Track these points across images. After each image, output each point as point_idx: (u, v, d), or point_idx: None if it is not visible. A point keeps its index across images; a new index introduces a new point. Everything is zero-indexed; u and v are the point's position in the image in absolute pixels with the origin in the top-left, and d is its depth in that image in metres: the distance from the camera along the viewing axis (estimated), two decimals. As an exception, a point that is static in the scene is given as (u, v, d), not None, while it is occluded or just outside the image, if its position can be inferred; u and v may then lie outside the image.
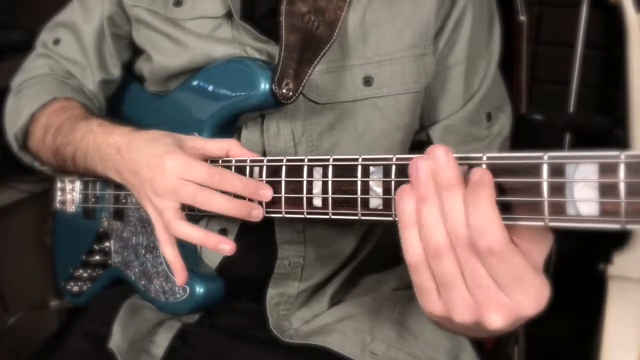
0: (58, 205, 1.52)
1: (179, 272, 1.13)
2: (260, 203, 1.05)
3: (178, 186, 1.06)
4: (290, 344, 1.25)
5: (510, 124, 1.35)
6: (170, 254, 1.13)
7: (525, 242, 0.75)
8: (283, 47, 1.13)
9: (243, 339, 1.28)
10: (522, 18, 1.65)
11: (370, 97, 1.22)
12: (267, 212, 1.05)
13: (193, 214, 1.13)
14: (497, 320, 0.74)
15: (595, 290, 1.83)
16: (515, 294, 0.73)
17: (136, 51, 1.43)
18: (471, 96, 1.28)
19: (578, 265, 2.10)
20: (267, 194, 1.03)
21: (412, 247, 0.77)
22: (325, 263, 1.33)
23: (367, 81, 1.21)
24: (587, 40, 2.06)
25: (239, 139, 1.24)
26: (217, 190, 1.07)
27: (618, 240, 1.86)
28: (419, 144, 1.32)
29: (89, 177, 1.33)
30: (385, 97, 1.22)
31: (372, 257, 1.38)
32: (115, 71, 1.45)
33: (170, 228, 1.09)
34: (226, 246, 1.09)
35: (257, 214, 1.06)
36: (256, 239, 1.28)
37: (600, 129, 1.90)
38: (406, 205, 0.77)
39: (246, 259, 1.28)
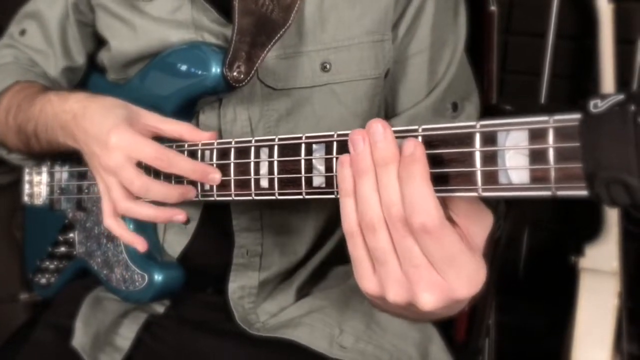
0: (26, 198, 1.50)
1: (135, 242, 1.14)
2: (211, 188, 1.03)
3: (119, 168, 1.05)
4: (258, 336, 1.24)
5: (478, 113, 1.32)
6: (114, 226, 1.13)
7: (462, 219, 0.74)
8: (235, 31, 1.11)
9: (210, 331, 1.27)
10: (493, 8, 1.63)
11: (328, 83, 1.20)
12: (218, 195, 1.03)
13: None
14: (429, 300, 0.72)
15: (566, 282, 1.82)
16: (449, 274, 0.71)
17: (99, 41, 1.41)
18: (435, 85, 1.25)
19: (549, 258, 2.10)
20: (216, 177, 1.01)
21: (348, 215, 0.76)
22: (285, 251, 1.31)
23: (325, 67, 1.19)
24: (559, 31, 2.04)
25: (196, 124, 1.22)
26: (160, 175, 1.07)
27: (590, 232, 1.85)
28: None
29: (53, 151, 1.29)
30: (343, 83, 1.20)
31: (340, 248, 1.35)
32: (80, 59, 1.43)
33: (117, 207, 1.09)
34: (179, 216, 1.09)
35: (191, 195, 1.06)
36: (217, 228, 1.27)
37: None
38: (345, 174, 0.75)
39: (208, 248, 1.29)
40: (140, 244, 1.14)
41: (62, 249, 1.41)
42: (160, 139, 1.11)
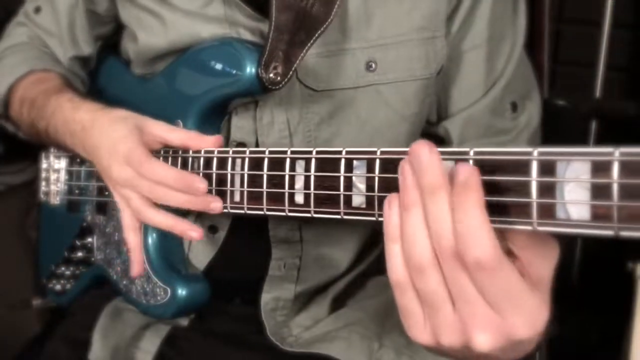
0: (42, 196, 1.51)
1: (136, 263, 1.17)
2: (242, 200, 1.03)
3: (134, 179, 1.08)
4: (292, 352, 1.23)
5: (540, 113, 1.30)
6: (132, 241, 1.16)
7: (522, 251, 0.72)
8: (272, 28, 1.09)
9: (238, 345, 1.27)
10: (544, -5, 1.62)
11: (373, 83, 1.18)
12: (248, 209, 1.02)
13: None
14: (484, 341, 0.69)
15: (623, 292, 1.80)
16: (506, 312, 0.69)
17: (121, 31, 1.41)
18: (493, 83, 1.23)
19: (605, 265, 2.07)
20: (217, 206, 1.06)
21: (395, 263, 0.73)
22: (326, 265, 1.30)
23: (370, 66, 1.17)
24: (615, 19, 2.01)
25: (229, 126, 1.22)
26: None
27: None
28: (439, 140, 1.26)
29: (63, 150, 1.38)
30: (390, 84, 1.18)
31: (381, 258, 1.34)
32: (87, 48, 1.44)
33: (140, 216, 1.12)
34: (194, 233, 1.11)
35: (215, 206, 1.06)
36: (249, 238, 1.26)
37: (629, 116, 1.86)
38: (392, 215, 0.73)
39: (238, 259, 1.28)
40: (137, 268, 1.18)
41: (79, 254, 1.42)
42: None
